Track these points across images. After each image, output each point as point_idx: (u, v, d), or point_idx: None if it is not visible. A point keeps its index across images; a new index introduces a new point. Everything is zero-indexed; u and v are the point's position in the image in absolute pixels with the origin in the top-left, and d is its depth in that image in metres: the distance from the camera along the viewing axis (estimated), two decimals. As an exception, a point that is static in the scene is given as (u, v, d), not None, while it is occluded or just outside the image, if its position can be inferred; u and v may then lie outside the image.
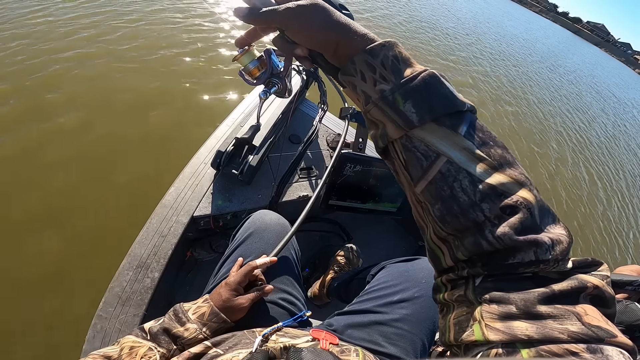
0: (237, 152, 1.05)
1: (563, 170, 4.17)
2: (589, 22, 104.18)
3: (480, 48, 8.11)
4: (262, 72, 0.58)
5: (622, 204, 4.11)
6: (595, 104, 8.73)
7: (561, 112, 6.47)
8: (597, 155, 5.23)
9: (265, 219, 0.78)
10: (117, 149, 1.93)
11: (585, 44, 53.32)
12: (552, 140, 4.89)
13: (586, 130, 6.13)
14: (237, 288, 0.61)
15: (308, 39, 0.37)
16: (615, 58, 61.25)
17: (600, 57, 35.58)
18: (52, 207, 1.57)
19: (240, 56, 0.55)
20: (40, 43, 2.46)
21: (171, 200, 0.97)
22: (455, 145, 0.31)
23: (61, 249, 1.44)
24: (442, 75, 0.33)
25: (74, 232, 1.50)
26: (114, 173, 1.78)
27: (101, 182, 1.73)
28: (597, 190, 4.13)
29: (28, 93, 2.06)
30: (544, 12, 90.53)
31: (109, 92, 2.29)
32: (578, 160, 4.66)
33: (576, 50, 25.41)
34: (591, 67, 17.96)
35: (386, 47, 0.34)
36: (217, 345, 0.50)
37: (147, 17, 3.27)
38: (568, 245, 0.27)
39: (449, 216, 0.31)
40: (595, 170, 4.63)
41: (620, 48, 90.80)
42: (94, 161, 1.81)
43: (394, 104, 0.32)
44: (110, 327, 0.75)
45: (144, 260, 0.85)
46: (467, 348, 0.27)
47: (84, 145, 1.88)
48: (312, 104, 1.52)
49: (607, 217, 3.69)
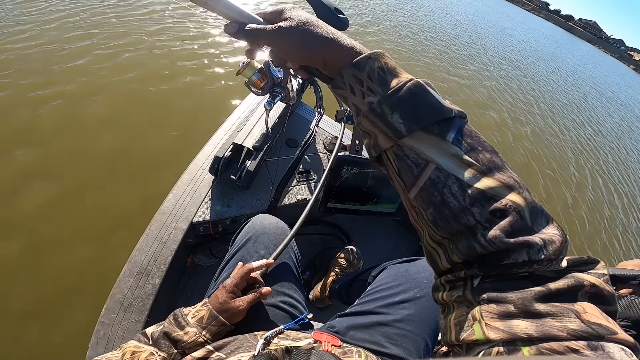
0: (235, 157, 1.06)
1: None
2: (581, 20, 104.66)
3: (488, 58, 7.72)
4: (265, 83, 0.62)
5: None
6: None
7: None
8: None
9: (264, 222, 0.78)
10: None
11: (579, 41, 53.36)
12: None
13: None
14: (234, 290, 0.61)
15: (294, 58, 0.39)
16: (609, 54, 61.39)
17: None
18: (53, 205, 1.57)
19: (243, 69, 0.60)
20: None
21: (170, 207, 0.97)
22: (443, 152, 0.32)
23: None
24: (428, 83, 0.34)
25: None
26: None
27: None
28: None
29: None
30: (536, 10, 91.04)
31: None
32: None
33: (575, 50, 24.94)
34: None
35: (372, 59, 0.35)
36: (220, 349, 0.50)
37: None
38: (561, 244, 0.28)
39: (441, 221, 0.32)
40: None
41: (613, 44, 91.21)
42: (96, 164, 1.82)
43: (382, 116, 0.33)
44: (113, 334, 0.75)
45: (144, 267, 0.85)
46: (468, 347, 0.27)
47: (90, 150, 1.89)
48: (308, 108, 1.53)
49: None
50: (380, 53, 0.35)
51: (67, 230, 1.52)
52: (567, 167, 4.27)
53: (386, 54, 0.36)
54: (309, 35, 0.37)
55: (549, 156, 4.30)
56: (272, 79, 0.62)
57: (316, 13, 0.44)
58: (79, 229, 1.54)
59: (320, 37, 0.37)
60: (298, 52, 0.38)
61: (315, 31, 0.37)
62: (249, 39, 0.40)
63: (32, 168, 1.72)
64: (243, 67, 0.59)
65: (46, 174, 1.72)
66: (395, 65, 0.35)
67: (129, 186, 1.78)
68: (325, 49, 0.37)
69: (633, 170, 5.21)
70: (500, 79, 6.45)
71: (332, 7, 0.45)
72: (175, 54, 2.99)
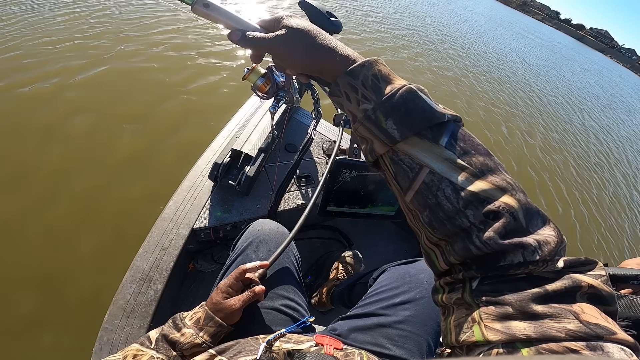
0: (234, 163, 1.07)
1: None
2: (592, 29, 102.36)
3: (520, 85, 6.91)
4: (270, 87, 0.64)
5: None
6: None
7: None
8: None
9: (265, 227, 0.79)
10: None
11: (591, 52, 50.86)
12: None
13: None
14: (228, 290, 0.62)
15: (291, 66, 0.41)
16: (621, 64, 59.24)
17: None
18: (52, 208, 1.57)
19: (248, 75, 0.62)
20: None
21: (171, 214, 0.98)
22: (436, 156, 0.32)
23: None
24: (421, 88, 0.34)
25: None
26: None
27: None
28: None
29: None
30: (547, 20, 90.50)
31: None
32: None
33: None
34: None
35: (366, 66, 0.35)
36: (222, 353, 0.51)
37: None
38: (556, 245, 0.28)
39: (436, 223, 0.32)
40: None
41: (624, 54, 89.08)
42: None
43: (377, 122, 0.34)
44: (117, 339, 0.75)
45: (146, 273, 0.86)
46: (468, 349, 0.28)
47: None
48: (306, 112, 1.54)
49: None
50: (374, 60, 0.36)
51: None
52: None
53: (381, 60, 0.36)
54: (303, 46, 0.38)
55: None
56: (276, 83, 0.64)
57: (309, 18, 0.45)
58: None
59: (315, 47, 0.38)
60: (294, 61, 0.39)
61: (309, 41, 0.38)
62: (250, 47, 0.41)
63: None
64: (248, 73, 0.61)
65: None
66: (390, 72, 0.36)
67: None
68: (320, 58, 0.38)
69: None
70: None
71: (324, 11, 0.46)
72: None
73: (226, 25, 0.42)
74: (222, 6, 0.42)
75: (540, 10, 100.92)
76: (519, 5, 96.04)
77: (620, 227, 3.42)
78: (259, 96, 0.65)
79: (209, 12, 0.41)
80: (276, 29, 0.40)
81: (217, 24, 0.43)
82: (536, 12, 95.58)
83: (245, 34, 0.40)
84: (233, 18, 0.42)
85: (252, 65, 0.59)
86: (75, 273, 1.41)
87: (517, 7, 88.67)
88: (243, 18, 0.42)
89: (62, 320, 1.29)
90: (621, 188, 4.32)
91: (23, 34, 2.76)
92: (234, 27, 0.42)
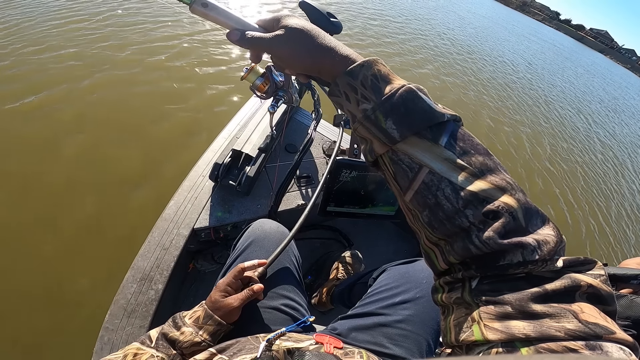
0: (234, 163, 1.07)
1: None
2: (592, 29, 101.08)
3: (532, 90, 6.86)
4: (269, 87, 0.64)
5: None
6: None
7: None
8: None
9: (265, 227, 0.79)
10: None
11: (592, 52, 49.98)
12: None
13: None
14: (226, 289, 0.62)
15: (289, 66, 0.41)
16: (621, 65, 58.21)
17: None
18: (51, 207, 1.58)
19: (247, 74, 0.62)
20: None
21: (171, 214, 0.98)
22: (436, 156, 0.32)
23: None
24: (420, 88, 0.34)
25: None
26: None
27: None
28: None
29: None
30: (547, 20, 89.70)
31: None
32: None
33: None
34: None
35: (365, 66, 0.35)
36: (222, 352, 0.51)
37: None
38: (556, 245, 0.28)
39: (436, 223, 0.32)
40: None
41: (624, 55, 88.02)
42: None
43: (376, 122, 0.34)
44: (117, 339, 0.76)
45: (147, 273, 0.86)
46: (468, 348, 0.28)
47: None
48: (306, 113, 1.54)
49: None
50: (373, 60, 0.36)
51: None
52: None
53: (380, 60, 0.36)
54: (302, 46, 0.38)
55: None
56: (275, 82, 0.64)
57: (309, 18, 0.45)
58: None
59: (314, 47, 0.38)
60: (293, 61, 0.39)
61: (308, 41, 0.38)
62: (249, 46, 0.41)
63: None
64: (247, 72, 0.61)
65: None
66: (389, 72, 0.36)
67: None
68: (319, 58, 0.38)
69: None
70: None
71: (324, 12, 0.46)
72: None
73: (225, 25, 0.42)
74: (220, 5, 0.41)
75: (540, 10, 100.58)
76: (519, 6, 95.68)
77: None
78: (258, 96, 0.65)
79: (208, 11, 0.40)
80: (275, 29, 0.40)
81: (216, 24, 0.43)
82: (536, 12, 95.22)
83: (244, 33, 0.40)
84: (232, 17, 0.42)
85: (251, 65, 0.59)
86: (75, 274, 1.42)
87: (517, 8, 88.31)
88: (242, 18, 0.42)
89: (63, 320, 1.29)
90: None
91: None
92: (232, 27, 0.42)
